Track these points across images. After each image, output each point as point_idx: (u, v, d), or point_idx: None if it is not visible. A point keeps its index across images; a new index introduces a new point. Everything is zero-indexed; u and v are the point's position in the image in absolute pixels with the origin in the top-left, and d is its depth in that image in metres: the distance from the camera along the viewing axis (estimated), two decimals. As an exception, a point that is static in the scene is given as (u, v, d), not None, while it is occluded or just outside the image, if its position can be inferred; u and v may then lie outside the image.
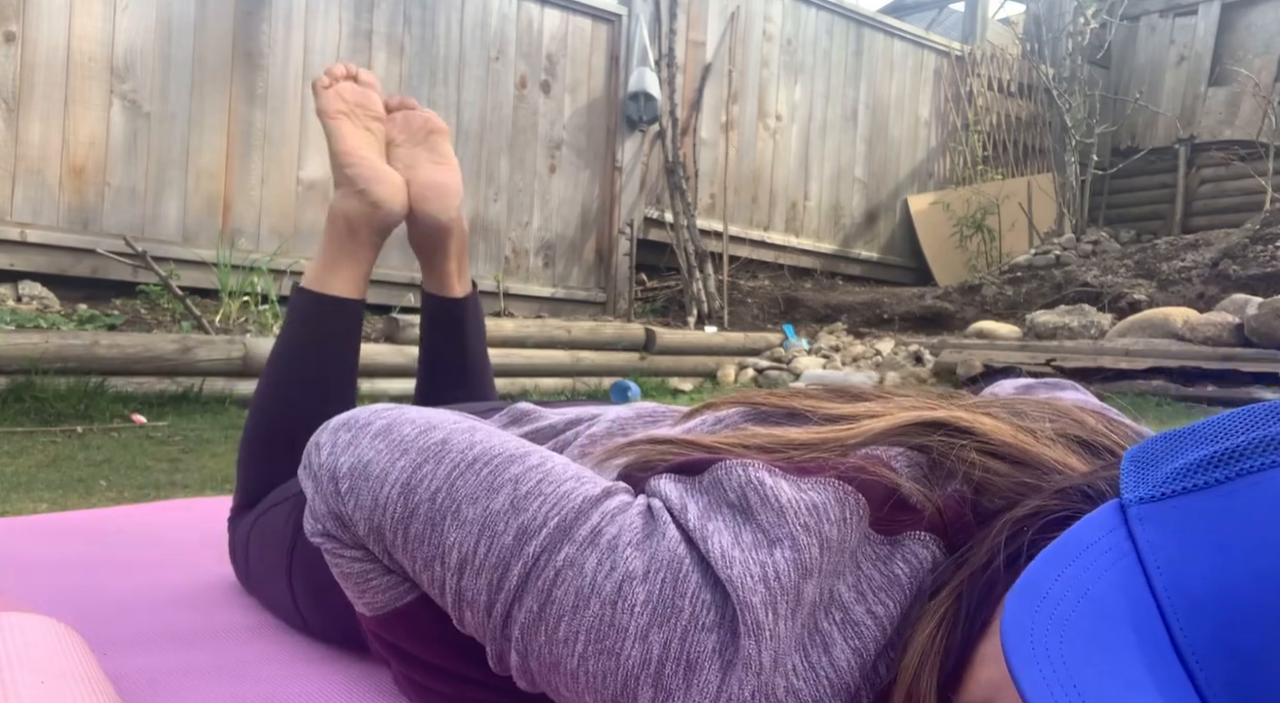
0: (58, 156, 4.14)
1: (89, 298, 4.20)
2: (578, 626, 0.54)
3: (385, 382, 4.04)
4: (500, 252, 5.39)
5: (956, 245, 6.97)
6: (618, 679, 0.53)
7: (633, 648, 0.53)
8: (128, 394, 3.34)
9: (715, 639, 0.52)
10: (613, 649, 0.53)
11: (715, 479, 0.58)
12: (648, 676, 0.53)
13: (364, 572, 0.68)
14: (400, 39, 4.99)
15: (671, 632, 0.53)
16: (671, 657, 0.53)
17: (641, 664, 0.53)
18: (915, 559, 0.56)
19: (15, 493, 2.23)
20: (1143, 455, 0.47)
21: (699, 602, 0.53)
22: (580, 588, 0.55)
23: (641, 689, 0.53)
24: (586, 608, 0.54)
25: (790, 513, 0.54)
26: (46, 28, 4.08)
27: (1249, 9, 7.63)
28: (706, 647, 0.52)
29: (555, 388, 4.57)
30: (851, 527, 0.55)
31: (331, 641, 1.01)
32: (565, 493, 0.59)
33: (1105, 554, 0.43)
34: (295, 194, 4.72)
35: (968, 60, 7.62)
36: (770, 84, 6.58)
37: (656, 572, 0.54)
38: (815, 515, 0.54)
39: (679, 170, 5.96)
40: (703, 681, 0.52)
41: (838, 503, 0.55)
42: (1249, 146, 7.23)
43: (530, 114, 5.45)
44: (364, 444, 0.67)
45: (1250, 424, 0.44)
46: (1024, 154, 7.92)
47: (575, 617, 0.55)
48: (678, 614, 0.53)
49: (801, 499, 0.55)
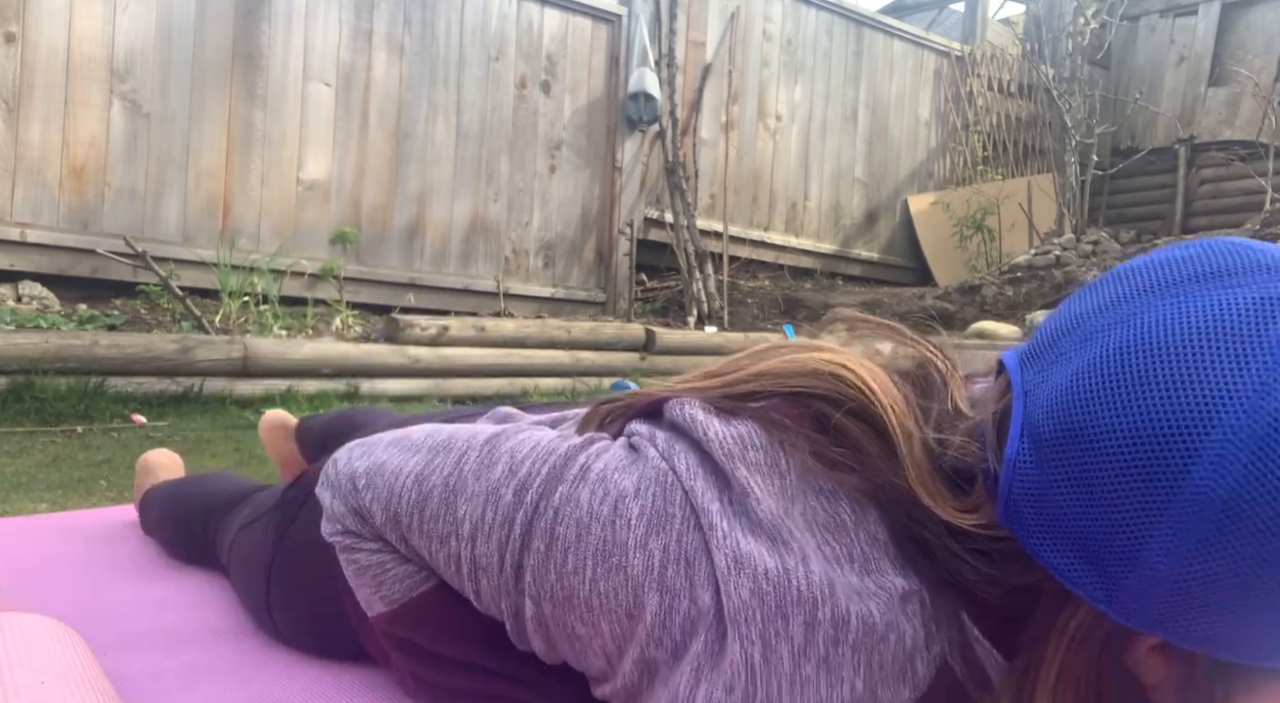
0: (58, 157, 4.14)
1: (89, 298, 4.20)
2: (584, 553, 0.59)
3: (385, 382, 4.04)
4: (500, 252, 5.39)
5: (956, 246, 6.97)
6: (628, 592, 0.57)
7: (635, 558, 0.57)
8: (128, 394, 3.34)
9: (702, 537, 0.57)
10: (619, 565, 0.58)
11: (669, 419, 0.64)
12: (651, 581, 0.57)
13: (381, 563, 0.72)
14: (400, 39, 4.99)
15: (668, 536, 0.57)
16: (671, 559, 0.57)
17: (645, 571, 0.57)
18: (860, 509, 0.58)
19: (15, 493, 2.23)
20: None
21: (686, 507, 0.58)
22: (579, 519, 0.60)
23: (648, 596, 0.57)
24: (589, 535, 0.59)
25: (715, 444, 0.60)
26: (46, 28, 4.07)
27: (1249, 9, 7.63)
28: (699, 543, 0.57)
29: (555, 388, 4.57)
30: (779, 446, 0.59)
31: (306, 652, 1.01)
32: (552, 448, 0.64)
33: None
34: (295, 194, 4.72)
35: (968, 60, 7.62)
36: (770, 84, 6.58)
37: (646, 488, 0.59)
38: (740, 444, 0.59)
39: (679, 170, 5.96)
40: (703, 573, 0.56)
41: (764, 427, 0.60)
42: (1249, 147, 7.22)
43: (530, 114, 5.45)
44: (378, 452, 0.73)
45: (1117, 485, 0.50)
46: (1024, 154, 7.92)
47: (580, 546, 0.59)
48: (669, 520, 0.58)
49: (724, 431, 0.60)
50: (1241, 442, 0.44)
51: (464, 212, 5.25)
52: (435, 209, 5.15)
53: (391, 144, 4.98)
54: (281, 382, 3.74)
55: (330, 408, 3.74)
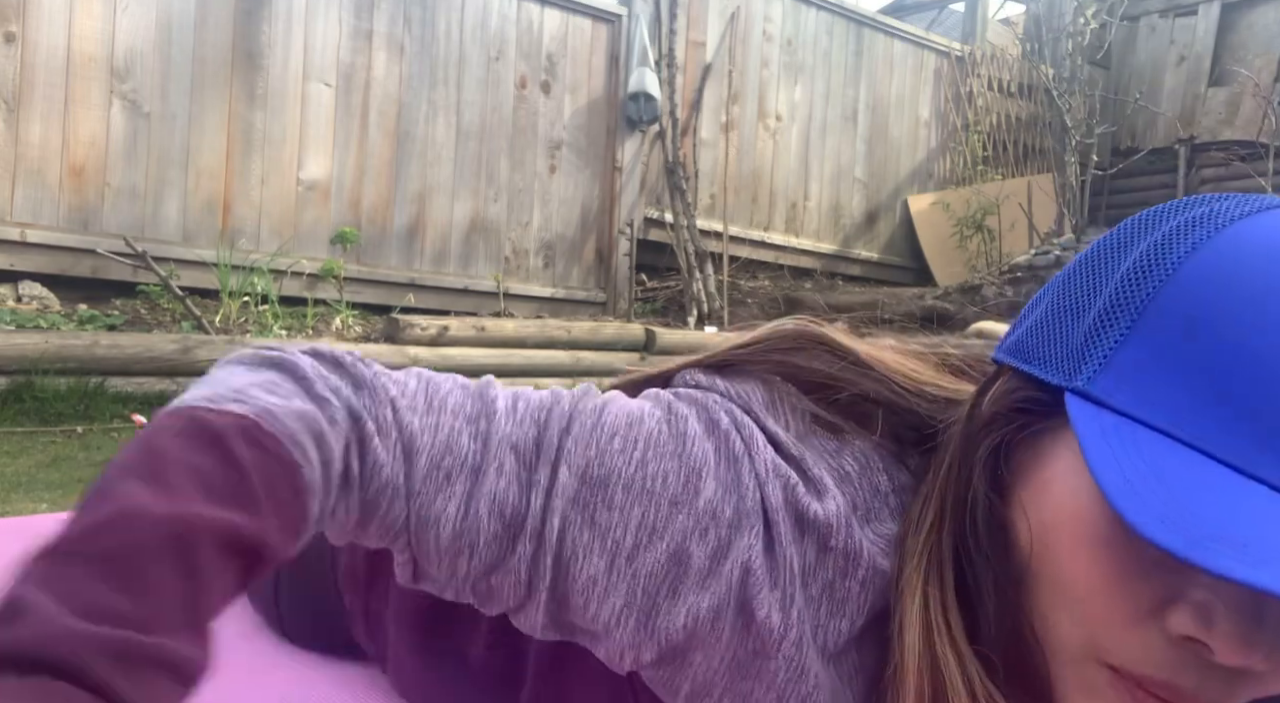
0: (58, 157, 4.14)
1: (89, 298, 4.19)
2: (634, 437, 0.56)
3: (385, 382, 4.04)
4: (500, 252, 5.38)
5: (956, 246, 6.96)
6: (679, 477, 0.55)
7: (694, 448, 0.56)
8: (128, 394, 3.34)
9: (744, 444, 0.57)
10: (674, 452, 0.55)
11: (679, 384, 0.64)
12: (709, 470, 0.55)
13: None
14: (400, 39, 4.99)
15: (719, 439, 0.56)
16: (724, 456, 0.56)
17: (703, 460, 0.55)
18: (863, 459, 0.59)
19: (15, 493, 2.24)
20: (1027, 349, 0.54)
21: (729, 417, 0.58)
22: (629, 411, 0.57)
23: (705, 483, 0.55)
24: (640, 425, 0.56)
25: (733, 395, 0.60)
26: (46, 28, 4.07)
27: (1249, 9, 7.63)
28: (742, 448, 0.57)
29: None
30: (784, 410, 0.60)
31: (312, 650, 1.01)
32: (557, 396, 0.62)
33: (1116, 437, 0.46)
34: (295, 194, 4.72)
35: (968, 60, 7.61)
36: (770, 84, 6.58)
37: (689, 402, 0.59)
38: (744, 397, 0.60)
39: (679, 170, 5.96)
40: (748, 472, 0.56)
41: (764, 389, 0.60)
42: (1249, 147, 7.22)
43: (530, 114, 5.45)
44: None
45: (1096, 287, 0.52)
46: (1024, 154, 7.92)
47: (631, 430, 0.56)
48: (716, 425, 0.57)
49: (731, 386, 0.61)
50: None
51: (464, 212, 5.25)
52: (435, 209, 5.15)
53: (391, 144, 4.98)
54: (281, 382, 3.74)
55: (330, 408, 3.74)
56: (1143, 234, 0.52)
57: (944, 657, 0.52)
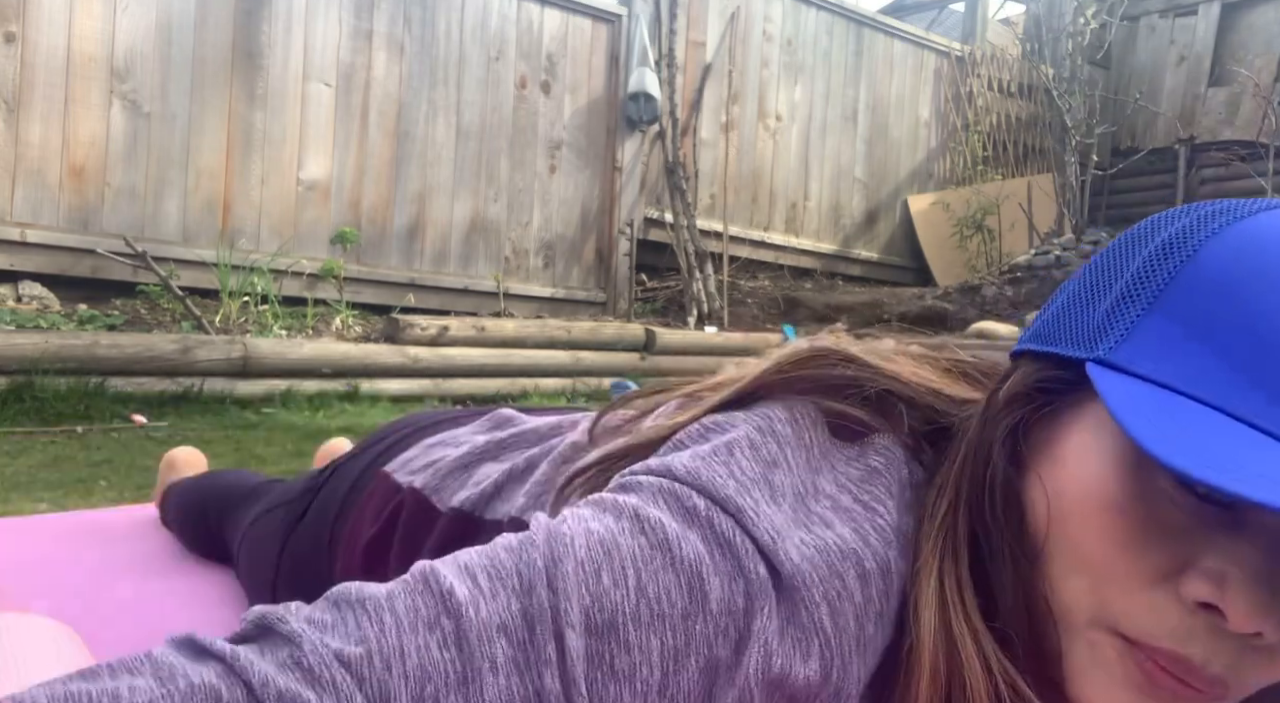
0: (58, 157, 4.14)
1: (89, 298, 4.19)
2: (619, 564, 0.50)
3: (385, 382, 4.04)
4: (500, 252, 5.38)
5: (956, 245, 6.97)
6: (682, 589, 0.49)
7: (684, 549, 0.50)
8: (128, 394, 3.34)
9: (733, 520, 0.52)
10: (665, 563, 0.50)
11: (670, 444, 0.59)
12: (706, 567, 0.50)
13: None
14: (400, 39, 4.99)
15: (702, 527, 0.51)
16: (714, 544, 0.51)
17: (696, 560, 0.50)
18: (889, 453, 0.58)
19: (15, 493, 2.24)
20: (1046, 334, 0.55)
21: (704, 499, 0.52)
22: (602, 539, 0.50)
23: (710, 583, 0.50)
24: (618, 549, 0.50)
25: (744, 425, 0.57)
26: (46, 28, 4.07)
27: (1249, 9, 7.63)
28: (732, 525, 0.52)
29: (555, 388, 4.57)
30: (805, 426, 0.57)
31: None
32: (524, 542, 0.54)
33: (1139, 395, 0.47)
34: (295, 194, 4.72)
35: (968, 60, 7.62)
36: (770, 84, 6.58)
37: (654, 497, 0.53)
38: (767, 419, 0.57)
39: (679, 170, 5.96)
40: (747, 549, 0.51)
41: (784, 409, 0.58)
42: (1249, 147, 7.22)
43: (530, 114, 5.45)
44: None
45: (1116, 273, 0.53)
46: (1024, 154, 7.92)
47: (613, 559, 0.50)
48: (694, 513, 0.52)
49: (751, 417, 0.57)
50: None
51: (464, 212, 5.25)
52: (435, 209, 5.15)
53: (391, 144, 4.99)
54: (282, 382, 3.74)
55: (331, 408, 3.75)
56: (1163, 227, 0.53)
57: (960, 633, 0.52)
